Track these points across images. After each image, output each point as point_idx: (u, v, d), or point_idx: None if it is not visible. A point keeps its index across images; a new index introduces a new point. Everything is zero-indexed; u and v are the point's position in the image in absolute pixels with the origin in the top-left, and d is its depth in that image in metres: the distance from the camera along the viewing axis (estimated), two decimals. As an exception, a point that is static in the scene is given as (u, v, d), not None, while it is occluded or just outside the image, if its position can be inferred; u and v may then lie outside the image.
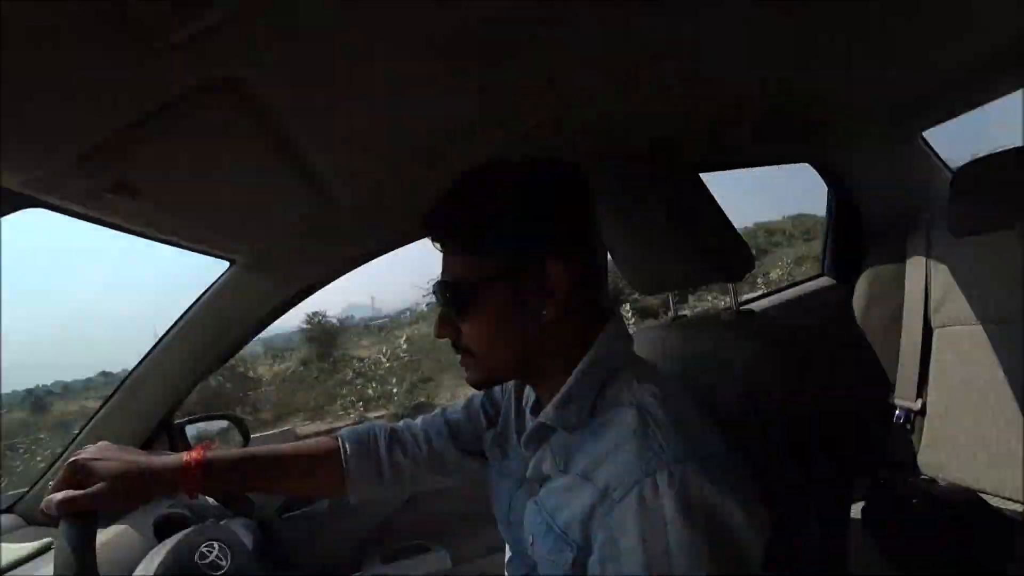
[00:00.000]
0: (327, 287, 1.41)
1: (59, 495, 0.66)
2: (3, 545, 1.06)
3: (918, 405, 1.43)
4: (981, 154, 1.32)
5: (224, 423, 1.67)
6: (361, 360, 11.17)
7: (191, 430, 1.46)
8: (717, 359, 0.74)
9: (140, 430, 1.29)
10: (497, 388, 0.93)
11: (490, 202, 0.66)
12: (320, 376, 10.62)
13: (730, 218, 0.88)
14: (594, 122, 1.10)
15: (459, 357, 0.72)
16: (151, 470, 0.72)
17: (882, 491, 1.13)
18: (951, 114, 1.58)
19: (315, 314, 11.08)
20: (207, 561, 0.82)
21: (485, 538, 1.46)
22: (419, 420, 0.95)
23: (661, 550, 0.53)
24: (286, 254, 1.20)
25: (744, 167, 1.70)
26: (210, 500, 1.33)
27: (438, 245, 0.70)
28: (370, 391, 10.06)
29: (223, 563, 0.84)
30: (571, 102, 0.99)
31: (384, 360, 10.88)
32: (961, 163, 1.39)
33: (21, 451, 7.55)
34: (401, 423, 0.94)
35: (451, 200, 0.68)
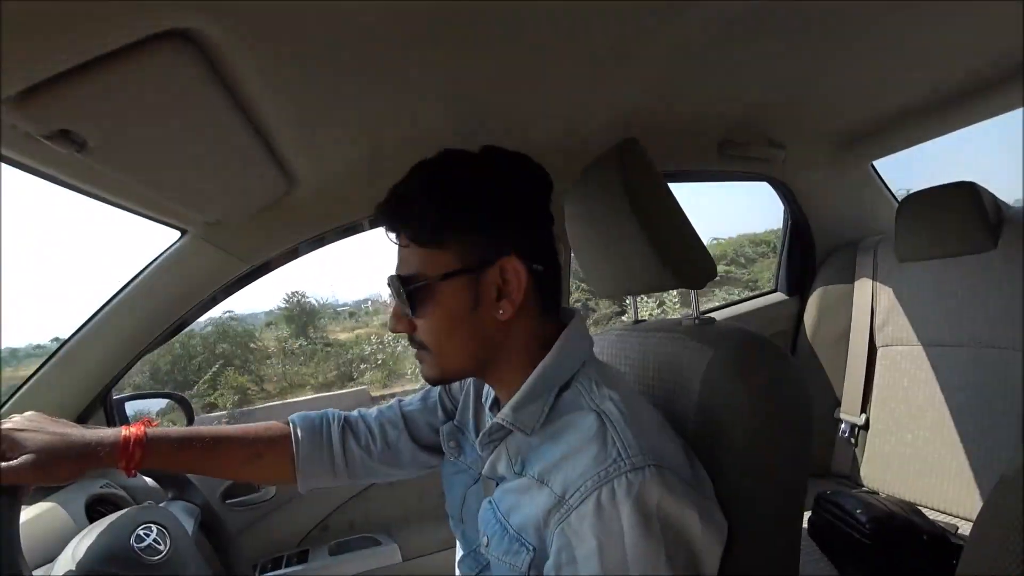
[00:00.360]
0: (288, 275, 1.37)
1: None
2: None
3: (862, 420, 1.51)
4: (924, 186, 1.41)
5: (164, 402, 1.60)
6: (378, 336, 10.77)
7: (130, 408, 1.38)
8: (676, 365, 0.75)
9: (74, 403, 1.22)
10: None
11: (452, 194, 0.63)
12: (333, 350, 10.18)
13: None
14: (561, 122, 1.12)
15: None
16: (84, 444, 0.68)
17: (828, 503, 1.17)
18: (900, 146, 1.68)
19: (295, 293, 10.66)
20: (144, 544, 0.77)
21: (436, 535, 1.44)
22: (374, 410, 0.92)
23: (618, 558, 0.52)
24: (242, 229, 1.16)
25: (707, 180, 1.76)
26: (148, 481, 1.27)
27: (392, 236, 0.68)
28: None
29: (161, 547, 0.79)
30: (539, 101, 1.00)
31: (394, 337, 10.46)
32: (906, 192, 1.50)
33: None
34: (355, 412, 0.91)
35: (410, 190, 0.65)
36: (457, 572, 0.81)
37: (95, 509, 1.09)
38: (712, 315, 0.85)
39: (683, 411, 0.70)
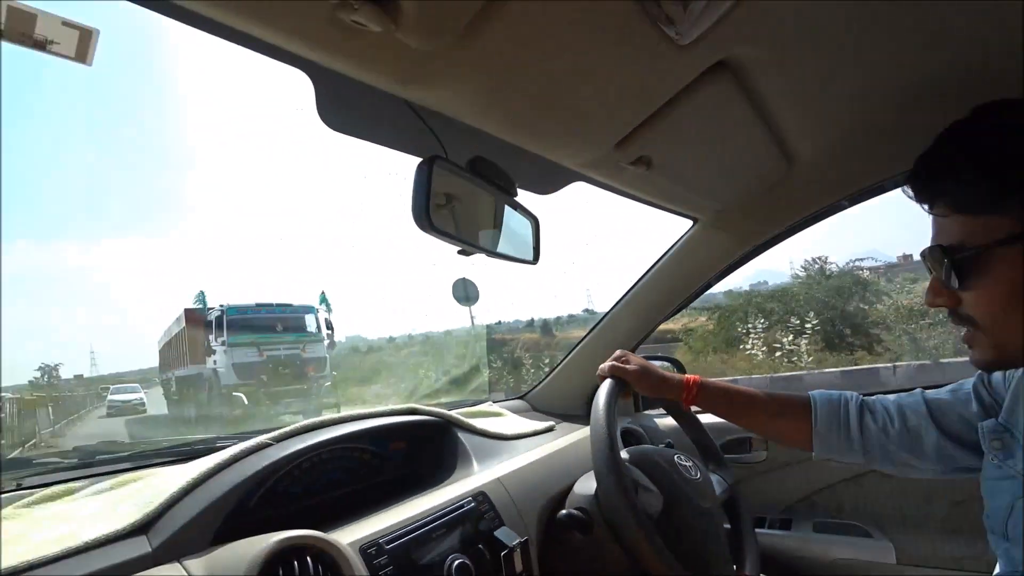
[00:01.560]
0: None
1: (609, 363, 0.98)
2: (517, 419, 1.49)
3: None
4: None
5: (667, 363, 1.94)
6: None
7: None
8: None
9: None
10: (998, 373, 0.79)
11: (1006, 154, 0.56)
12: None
13: None
14: None
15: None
16: (662, 375, 0.98)
17: None
18: None
19: (816, 259, 9.80)
20: (682, 464, 1.00)
21: (942, 547, 1.27)
22: (892, 396, 0.91)
23: None
24: (743, 214, 1.27)
25: None
26: (657, 424, 1.59)
27: (926, 206, 0.64)
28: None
29: (694, 473, 1.00)
30: None
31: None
32: None
33: (530, 361, 11.24)
34: (873, 397, 0.92)
35: (948, 158, 0.61)
36: None
37: (625, 439, 1.46)
38: None
39: None
